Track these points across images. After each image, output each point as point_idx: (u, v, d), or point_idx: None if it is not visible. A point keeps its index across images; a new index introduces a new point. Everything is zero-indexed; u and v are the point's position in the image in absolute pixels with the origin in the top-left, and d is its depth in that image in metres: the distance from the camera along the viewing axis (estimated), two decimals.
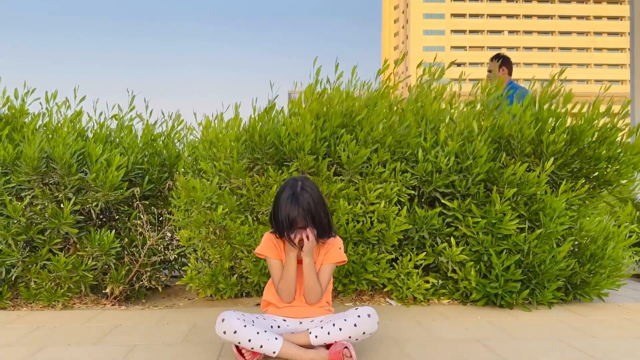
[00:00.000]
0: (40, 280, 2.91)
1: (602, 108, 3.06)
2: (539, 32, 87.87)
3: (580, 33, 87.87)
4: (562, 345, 2.17)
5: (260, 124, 3.00)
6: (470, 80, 3.56)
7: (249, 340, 1.83)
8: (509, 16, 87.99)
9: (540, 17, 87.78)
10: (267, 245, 2.11)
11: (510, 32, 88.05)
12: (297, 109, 3.07)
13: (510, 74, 4.85)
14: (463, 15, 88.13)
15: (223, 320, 1.87)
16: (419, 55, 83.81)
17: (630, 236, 3.10)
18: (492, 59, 4.82)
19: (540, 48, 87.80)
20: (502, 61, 4.80)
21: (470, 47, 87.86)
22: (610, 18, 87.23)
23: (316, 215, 1.98)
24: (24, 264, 2.93)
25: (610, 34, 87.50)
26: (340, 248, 2.11)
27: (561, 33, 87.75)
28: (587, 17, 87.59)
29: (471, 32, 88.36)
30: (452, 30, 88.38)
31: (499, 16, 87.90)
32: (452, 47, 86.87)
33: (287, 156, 2.95)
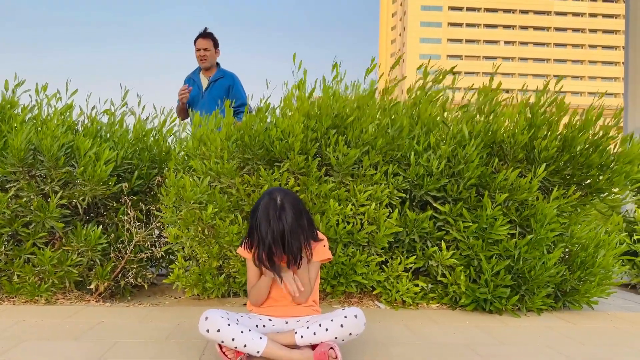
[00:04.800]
0: (24, 274, 2.85)
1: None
2: (535, 44, 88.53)
3: (575, 45, 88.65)
4: (550, 352, 2.15)
5: (250, 124, 2.95)
6: (464, 89, 3.54)
7: (233, 339, 1.79)
8: (506, 27, 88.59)
9: (536, 28, 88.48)
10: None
11: (507, 42, 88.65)
12: (289, 110, 3.03)
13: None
14: (460, 25, 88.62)
15: (206, 318, 1.82)
16: (415, 63, 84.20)
17: (620, 244, 3.09)
18: (201, 37, 4.12)
19: (535, 59, 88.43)
20: (216, 41, 4.18)
21: (466, 56, 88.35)
22: (605, 32, 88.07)
23: (301, 233, 1.94)
24: (7, 257, 2.87)
25: (605, 47, 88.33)
26: (324, 246, 2.08)
27: (557, 45, 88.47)
28: (582, 30, 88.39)
29: (467, 41, 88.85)
30: (448, 39, 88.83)
31: (495, 26, 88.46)
32: (448, 55, 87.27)
33: (277, 156, 2.92)
